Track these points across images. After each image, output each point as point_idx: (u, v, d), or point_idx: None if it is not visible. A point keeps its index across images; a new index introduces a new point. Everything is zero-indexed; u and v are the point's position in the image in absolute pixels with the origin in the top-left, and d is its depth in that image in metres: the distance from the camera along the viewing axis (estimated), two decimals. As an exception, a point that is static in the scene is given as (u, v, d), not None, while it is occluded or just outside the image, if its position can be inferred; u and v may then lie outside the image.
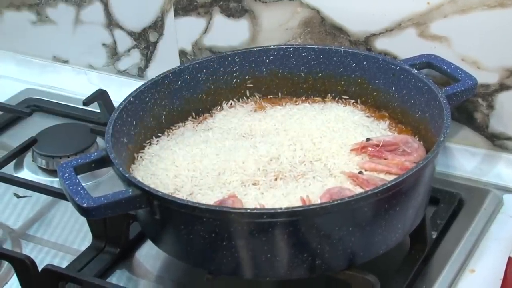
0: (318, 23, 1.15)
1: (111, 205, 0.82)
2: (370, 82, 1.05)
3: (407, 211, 0.86)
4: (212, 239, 0.82)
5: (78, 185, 0.84)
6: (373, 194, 0.79)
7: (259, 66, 1.08)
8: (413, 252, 0.94)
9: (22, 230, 1.07)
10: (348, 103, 1.07)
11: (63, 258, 1.01)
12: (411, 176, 0.82)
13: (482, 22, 1.02)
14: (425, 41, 1.07)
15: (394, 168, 0.92)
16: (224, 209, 0.81)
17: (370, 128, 1.00)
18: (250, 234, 0.81)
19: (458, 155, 1.11)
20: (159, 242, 0.90)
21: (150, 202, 0.82)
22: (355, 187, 0.89)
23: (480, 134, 1.10)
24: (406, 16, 1.07)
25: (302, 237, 0.81)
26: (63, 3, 1.36)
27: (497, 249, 0.95)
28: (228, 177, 0.91)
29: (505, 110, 1.07)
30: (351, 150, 0.95)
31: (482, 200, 1.03)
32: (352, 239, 0.82)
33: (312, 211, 0.79)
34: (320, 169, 0.92)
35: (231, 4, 1.20)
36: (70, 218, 1.08)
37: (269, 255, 0.81)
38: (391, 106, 1.03)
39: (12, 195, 1.14)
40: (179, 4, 1.24)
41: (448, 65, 1.03)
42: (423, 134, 0.98)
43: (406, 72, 1.01)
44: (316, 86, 1.09)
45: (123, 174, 0.84)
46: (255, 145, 0.96)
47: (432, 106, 0.95)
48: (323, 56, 1.07)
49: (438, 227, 0.98)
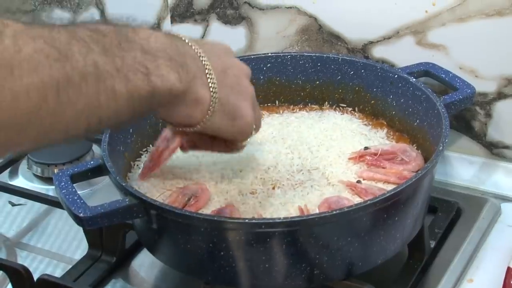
0: (315, 30, 1.14)
1: (108, 215, 0.81)
2: (367, 90, 1.05)
3: (405, 221, 0.86)
4: (209, 248, 0.81)
5: (74, 194, 0.83)
6: (372, 204, 0.79)
7: (257, 74, 1.08)
8: (411, 262, 0.93)
9: (17, 239, 1.06)
10: (345, 111, 1.07)
11: (58, 267, 1.00)
12: (410, 186, 0.81)
13: (480, 30, 1.02)
14: (423, 50, 1.07)
15: (392, 177, 0.91)
16: (222, 219, 0.80)
17: (368, 137, 1.00)
18: (248, 244, 0.80)
19: (456, 164, 1.11)
20: (155, 251, 0.89)
21: (147, 211, 0.82)
22: (353, 196, 0.88)
23: (478, 142, 1.10)
24: (404, 24, 1.07)
25: (300, 247, 0.80)
26: (58, 9, 1.35)
27: (495, 259, 0.95)
28: (225, 186, 0.91)
29: (503, 118, 1.07)
30: (349, 158, 0.95)
31: (480, 209, 1.03)
32: (351, 249, 0.82)
33: (310, 221, 0.78)
34: (318, 177, 0.92)
35: (228, 11, 1.20)
36: (65, 226, 1.07)
37: (266, 265, 0.81)
38: (389, 114, 1.03)
39: (7, 203, 1.13)
40: (176, 11, 1.24)
41: (446, 74, 1.03)
42: (421, 142, 0.97)
43: (404, 80, 1.00)
44: (314, 94, 1.09)
45: (120, 183, 0.84)
46: (252, 154, 0.96)
47: (430, 115, 0.95)
48: (321, 64, 1.07)
49: (436, 236, 0.97)
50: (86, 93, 0.61)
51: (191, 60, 0.73)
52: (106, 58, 0.63)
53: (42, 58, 0.58)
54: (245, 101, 0.80)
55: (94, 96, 0.62)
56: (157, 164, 0.91)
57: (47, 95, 0.58)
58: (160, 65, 0.69)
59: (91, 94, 0.62)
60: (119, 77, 0.64)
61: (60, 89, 0.59)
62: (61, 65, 0.59)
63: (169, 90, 0.70)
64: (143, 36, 0.69)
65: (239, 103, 0.79)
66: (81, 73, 0.61)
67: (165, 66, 0.69)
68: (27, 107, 0.57)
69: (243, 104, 0.79)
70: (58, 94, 0.59)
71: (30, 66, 0.57)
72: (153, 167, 0.91)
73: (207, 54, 0.76)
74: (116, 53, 0.65)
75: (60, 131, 0.62)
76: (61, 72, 0.59)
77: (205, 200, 0.89)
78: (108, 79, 0.63)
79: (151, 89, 0.67)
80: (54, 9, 1.36)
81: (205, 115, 0.76)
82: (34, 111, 0.58)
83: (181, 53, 0.72)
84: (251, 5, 1.17)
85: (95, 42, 0.63)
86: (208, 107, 0.75)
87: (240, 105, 0.79)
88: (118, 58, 0.65)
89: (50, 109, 0.59)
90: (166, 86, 0.69)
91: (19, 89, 0.56)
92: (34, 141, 0.61)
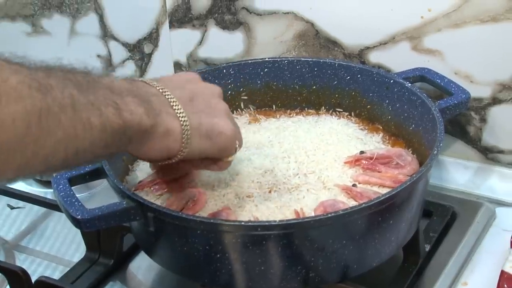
0: (312, 36, 1.15)
1: (105, 217, 0.82)
2: (364, 95, 1.06)
3: (400, 224, 0.86)
4: (206, 251, 0.82)
5: (72, 197, 0.84)
6: (367, 207, 0.79)
7: (254, 79, 1.09)
8: (406, 265, 0.94)
9: (16, 241, 1.07)
10: (342, 115, 1.08)
11: (56, 269, 1.01)
12: (404, 190, 0.82)
13: (475, 36, 1.03)
14: (419, 55, 1.08)
15: (388, 181, 0.92)
16: (218, 222, 0.81)
17: (364, 141, 1.01)
18: (244, 247, 0.81)
19: (451, 168, 1.12)
20: (153, 254, 0.90)
21: (144, 214, 0.82)
22: (349, 200, 0.89)
23: (473, 147, 1.11)
24: (400, 30, 1.08)
25: (296, 250, 0.81)
26: (58, 14, 1.36)
27: (489, 262, 0.95)
28: (222, 190, 0.92)
29: (497, 123, 1.08)
30: (345, 162, 0.95)
31: (475, 213, 1.04)
32: (346, 251, 0.82)
33: (306, 224, 0.79)
34: (314, 181, 0.93)
35: (226, 16, 1.21)
36: (64, 229, 1.08)
37: (263, 268, 0.82)
38: (385, 119, 1.04)
39: (6, 206, 1.14)
40: (174, 16, 1.25)
41: (442, 79, 1.04)
42: (416, 147, 0.98)
43: (400, 85, 1.01)
44: (310, 99, 1.09)
45: (118, 186, 0.84)
46: (249, 158, 0.96)
47: (426, 120, 0.96)
48: (317, 69, 1.08)
49: (431, 240, 0.98)
50: (65, 123, 0.64)
51: (154, 97, 0.76)
52: (80, 93, 0.67)
53: (25, 88, 0.62)
54: (219, 117, 0.81)
55: (72, 127, 0.65)
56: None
57: (31, 122, 0.61)
58: (128, 102, 0.72)
59: (69, 124, 0.65)
60: (93, 109, 0.67)
61: (42, 118, 0.62)
62: (42, 96, 0.63)
63: (138, 125, 0.72)
64: (107, 79, 0.73)
65: (213, 122, 0.80)
66: (60, 104, 0.64)
67: (132, 103, 0.72)
68: (13, 135, 0.60)
69: (217, 121, 0.80)
70: (40, 122, 0.62)
71: (16, 95, 0.61)
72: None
73: (169, 88, 0.78)
74: (88, 90, 0.68)
75: (41, 161, 0.64)
76: (42, 102, 0.62)
77: (203, 203, 0.89)
78: (84, 111, 0.66)
79: (122, 123, 0.70)
80: (54, 14, 1.37)
81: (181, 144, 0.77)
82: (19, 139, 0.61)
83: (143, 92, 0.76)
84: (248, 11, 1.18)
85: (68, 80, 0.67)
86: (182, 136, 0.77)
87: (214, 123, 0.80)
88: (91, 93, 0.68)
89: (33, 136, 0.62)
90: (135, 120, 0.72)
91: (5, 117, 0.59)
92: (17, 170, 0.63)
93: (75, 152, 0.67)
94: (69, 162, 0.68)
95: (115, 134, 0.70)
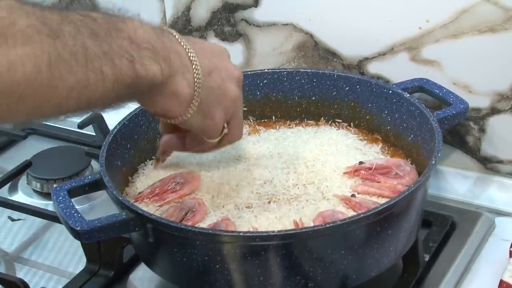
0: (311, 47, 1.16)
1: (105, 228, 0.82)
2: (363, 105, 1.06)
3: (399, 234, 0.86)
4: (206, 262, 0.82)
5: (72, 208, 0.84)
6: (365, 217, 0.80)
7: (253, 90, 1.09)
8: (405, 275, 0.94)
9: (16, 253, 1.07)
10: (341, 126, 1.08)
11: (57, 281, 1.01)
12: (403, 199, 0.82)
13: (473, 47, 1.04)
14: (417, 65, 1.09)
15: (387, 191, 0.92)
16: (218, 232, 0.81)
17: (363, 151, 1.01)
18: (243, 257, 0.81)
19: (450, 178, 1.12)
20: (152, 265, 0.90)
21: (144, 225, 0.83)
22: (348, 210, 0.89)
23: (472, 157, 1.11)
24: (399, 41, 1.09)
25: (295, 260, 0.81)
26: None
27: (489, 272, 0.95)
28: (221, 200, 0.92)
29: (496, 133, 1.08)
30: (344, 173, 0.96)
31: (474, 223, 1.04)
32: (345, 262, 0.83)
33: (304, 234, 0.79)
34: (313, 192, 0.93)
35: (225, 28, 1.21)
36: (65, 241, 1.08)
37: (262, 278, 0.82)
38: (384, 129, 1.04)
39: (7, 218, 1.14)
40: (174, 28, 1.24)
41: (440, 89, 1.04)
42: (415, 157, 0.98)
43: (399, 96, 1.02)
44: (310, 110, 1.10)
45: (117, 197, 0.85)
46: (249, 168, 0.97)
47: (424, 130, 0.96)
48: (317, 80, 1.08)
49: (431, 250, 0.98)
50: (76, 70, 0.64)
51: (175, 56, 0.76)
52: (94, 42, 0.66)
53: (34, 33, 0.61)
54: (220, 105, 0.82)
55: (84, 75, 0.65)
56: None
57: (41, 66, 0.61)
58: (144, 56, 0.71)
59: (80, 72, 0.65)
60: (105, 59, 0.67)
61: (52, 64, 0.62)
62: (52, 41, 0.62)
63: (151, 80, 0.72)
64: (131, 26, 0.72)
65: (213, 105, 0.81)
66: (71, 51, 0.64)
67: (148, 58, 0.72)
68: (23, 77, 0.60)
69: (217, 108, 0.81)
70: (50, 68, 0.62)
71: (23, 38, 0.61)
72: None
73: (199, 55, 0.78)
74: (104, 39, 0.67)
75: (53, 106, 0.65)
76: (51, 48, 0.62)
77: (202, 214, 0.90)
78: (96, 61, 0.66)
79: (135, 76, 0.70)
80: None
81: (185, 109, 0.78)
82: (30, 82, 0.61)
83: (166, 48, 0.75)
84: (248, 22, 1.19)
85: (84, 26, 0.66)
86: (189, 103, 0.77)
87: (214, 107, 0.81)
88: (105, 43, 0.67)
89: (44, 80, 0.62)
90: (148, 76, 0.72)
91: (14, 58, 0.60)
92: (30, 112, 0.64)
93: (87, 100, 0.67)
94: (81, 109, 0.68)
95: (127, 86, 0.70)
